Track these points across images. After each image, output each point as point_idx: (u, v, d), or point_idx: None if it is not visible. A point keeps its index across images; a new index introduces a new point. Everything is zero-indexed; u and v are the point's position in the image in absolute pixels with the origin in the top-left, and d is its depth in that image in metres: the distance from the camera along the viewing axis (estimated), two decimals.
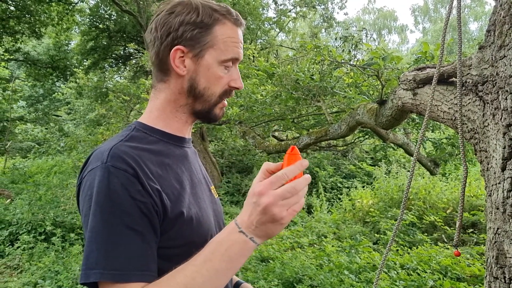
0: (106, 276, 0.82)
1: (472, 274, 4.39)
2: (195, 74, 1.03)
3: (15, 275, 5.41)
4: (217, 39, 1.02)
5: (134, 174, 0.88)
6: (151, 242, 0.88)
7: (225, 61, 1.03)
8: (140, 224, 0.86)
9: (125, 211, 0.85)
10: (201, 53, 1.02)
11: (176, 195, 0.96)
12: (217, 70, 1.03)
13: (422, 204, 7.24)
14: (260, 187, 0.81)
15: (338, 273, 4.54)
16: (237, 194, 11.15)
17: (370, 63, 3.26)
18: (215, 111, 1.08)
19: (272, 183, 0.81)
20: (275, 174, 0.82)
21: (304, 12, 16.28)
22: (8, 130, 17.57)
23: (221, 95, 1.06)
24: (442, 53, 1.48)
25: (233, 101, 5.84)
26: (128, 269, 0.83)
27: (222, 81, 1.04)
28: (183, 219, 0.95)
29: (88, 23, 14.69)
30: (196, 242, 0.95)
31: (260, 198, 0.80)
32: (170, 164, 1.02)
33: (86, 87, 13.84)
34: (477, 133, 1.32)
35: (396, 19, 59.10)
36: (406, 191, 1.52)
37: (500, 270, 1.16)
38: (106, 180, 0.86)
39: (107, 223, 0.84)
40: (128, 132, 1.02)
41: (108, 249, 0.83)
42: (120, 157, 0.90)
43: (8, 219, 7.12)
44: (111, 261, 0.83)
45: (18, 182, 11.87)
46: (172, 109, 1.07)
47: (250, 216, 0.83)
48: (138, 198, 0.87)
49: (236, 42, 1.04)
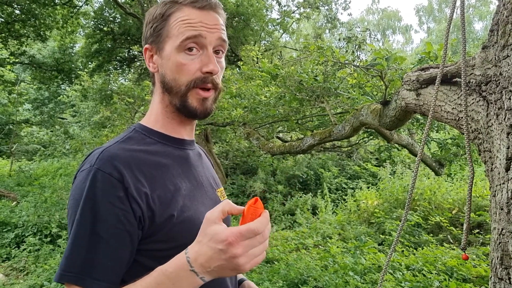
0: (63, 277, 0.84)
1: (478, 275, 4.36)
2: (162, 68, 1.02)
3: (21, 277, 5.44)
4: (171, 27, 0.99)
5: (119, 178, 0.88)
6: (119, 251, 0.87)
7: (180, 45, 0.98)
8: (111, 232, 0.86)
9: (98, 217, 0.85)
10: (161, 45, 1.01)
11: (169, 198, 0.95)
12: (178, 58, 0.98)
13: (427, 205, 7.20)
14: (230, 236, 0.78)
15: (343, 274, 4.53)
16: (242, 195, 11.15)
17: (374, 63, 3.25)
18: (189, 103, 1.01)
19: (243, 235, 0.78)
20: (248, 227, 0.79)
21: (307, 13, 16.26)
22: (14, 133, 17.67)
23: (189, 83, 0.99)
24: (446, 53, 1.47)
25: (237, 103, 5.84)
26: (82, 273, 0.83)
27: (186, 68, 0.99)
28: (172, 222, 0.94)
29: (92, 26, 14.74)
30: (188, 245, 0.93)
31: (230, 247, 0.78)
32: (167, 165, 1.01)
33: (91, 90, 13.89)
34: (481, 133, 1.32)
35: (400, 19, 58.93)
36: (410, 191, 1.52)
37: (505, 271, 1.15)
38: (89, 183, 0.86)
39: (78, 226, 0.85)
40: (126, 134, 1.03)
41: (71, 251, 0.85)
42: (108, 160, 0.90)
43: (14, 221, 7.17)
44: (70, 263, 0.84)
45: (24, 185, 11.94)
46: (162, 109, 1.07)
47: (209, 260, 0.80)
48: (117, 204, 0.86)
49: (190, 23, 0.97)
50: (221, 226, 0.81)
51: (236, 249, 0.78)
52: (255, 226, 0.79)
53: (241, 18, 13.51)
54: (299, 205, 9.89)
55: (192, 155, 1.13)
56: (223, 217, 0.83)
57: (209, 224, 0.82)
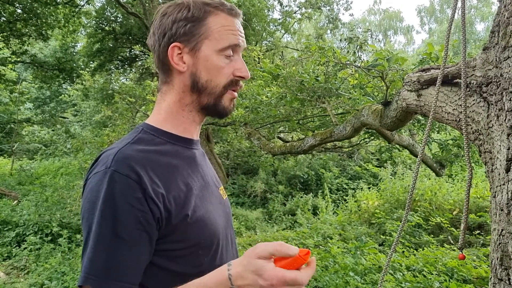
0: (87, 281, 0.84)
1: (478, 276, 4.36)
2: (195, 68, 1.02)
3: (22, 276, 5.45)
4: (211, 30, 1.01)
5: (137, 179, 0.88)
6: (140, 253, 0.88)
7: (222, 49, 1.01)
8: (132, 233, 0.87)
9: (118, 219, 0.85)
10: (197, 46, 1.01)
11: (182, 198, 0.96)
12: (217, 60, 1.01)
13: (428, 206, 7.20)
14: (275, 279, 0.80)
15: (343, 275, 4.53)
16: (243, 195, 11.16)
17: (375, 64, 3.25)
18: (222, 103, 1.05)
19: (286, 282, 0.80)
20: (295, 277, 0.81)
21: (309, 13, 16.25)
22: (15, 131, 17.69)
23: (226, 85, 1.04)
24: (446, 54, 1.47)
25: (238, 103, 5.84)
26: (106, 276, 0.84)
27: (223, 71, 1.02)
28: (187, 222, 0.94)
29: (94, 26, 14.77)
30: (201, 244, 0.96)
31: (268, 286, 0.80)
32: (177, 166, 1.02)
33: (92, 89, 13.92)
34: (482, 134, 1.32)
35: (402, 20, 58.82)
36: (410, 192, 1.52)
37: (504, 272, 1.15)
38: (107, 185, 0.86)
39: (98, 228, 0.86)
40: (135, 134, 1.02)
41: (94, 253, 0.85)
42: (124, 161, 0.90)
43: (15, 220, 7.18)
44: (93, 266, 0.85)
45: (25, 184, 11.96)
46: (179, 109, 1.06)
47: (247, 286, 0.83)
48: (136, 206, 0.87)
49: (232, 30, 1.03)
50: (269, 264, 0.82)
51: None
52: (301, 278, 0.82)
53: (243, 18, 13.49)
54: (300, 205, 9.90)
55: (198, 155, 1.14)
56: (270, 258, 0.84)
57: (258, 256, 0.83)
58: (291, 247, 0.84)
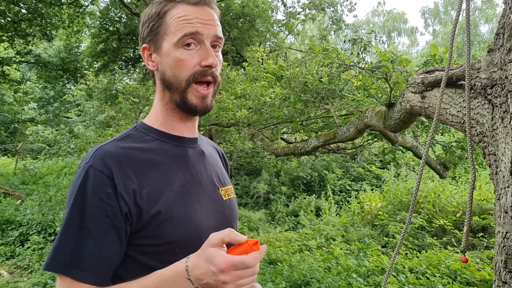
0: (51, 267, 0.89)
1: (482, 278, 4.35)
2: (161, 66, 1.04)
3: (25, 275, 5.47)
4: (168, 24, 1.01)
5: (109, 175, 0.92)
6: (106, 245, 0.91)
7: (179, 41, 0.99)
8: (99, 226, 0.90)
9: (87, 211, 0.90)
10: (159, 43, 1.03)
11: (158, 194, 0.97)
12: (176, 54, 1.00)
13: (431, 208, 7.18)
14: (223, 263, 0.81)
15: (346, 276, 4.52)
16: (246, 196, 11.17)
17: (379, 65, 3.25)
18: (189, 99, 1.03)
19: (235, 266, 0.82)
20: (241, 260, 0.82)
21: (313, 14, 16.25)
22: (19, 131, 17.78)
23: (190, 78, 1.01)
24: (451, 56, 1.47)
25: (241, 104, 5.85)
26: (70, 264, 0.88)
27: (185, 63, 1.00)
28: (159, 219, 0.95)
29: (98, 26, 14.79)
30: (177, 242, 0.96)
31: (221, 273, 0.81)
32: (160, 163, 1.02)
33: (96, 89, 13.95)
34: (486, 137, 1.31)
35: (406, 21, 58.75)
36: (414, 194, 1.52)
37: (509, 275, 1.15)
38: (81, 179, 0.91)
39: (68, 219, 0.91)
40: (126, 132, 1.07)
41: (60, 242, 0.90)
42: (101, 157, 0.94)
43: (18, 219, 7.20)
44: (58, 254, 0.89)
45: (28, 183, 11.99)
46: (163, 107, 1.09)
47: (202, 275, 0.84)
48: (106, 200, 0.90)
49: (188, 19, 1.00)
50: (220, 251, 0.84)
51: (226, 277, 0.82)
52: (247, 260, 0.83)
53: (247, 19, 13.53)
54: (303, 207, 9.89)
55: (191, 153, 1.12)
56: (222, 245, 0.85)
57: (210, 244, 0.85)
58: (239, 234, 0.87)
